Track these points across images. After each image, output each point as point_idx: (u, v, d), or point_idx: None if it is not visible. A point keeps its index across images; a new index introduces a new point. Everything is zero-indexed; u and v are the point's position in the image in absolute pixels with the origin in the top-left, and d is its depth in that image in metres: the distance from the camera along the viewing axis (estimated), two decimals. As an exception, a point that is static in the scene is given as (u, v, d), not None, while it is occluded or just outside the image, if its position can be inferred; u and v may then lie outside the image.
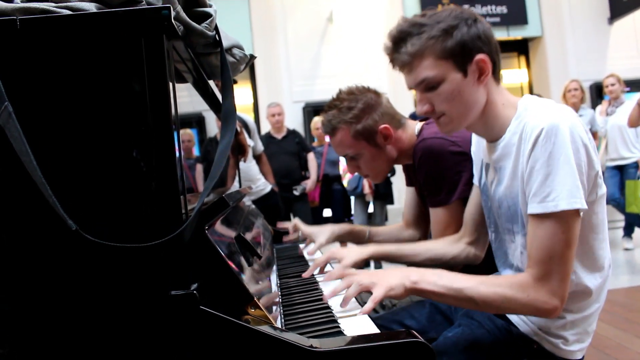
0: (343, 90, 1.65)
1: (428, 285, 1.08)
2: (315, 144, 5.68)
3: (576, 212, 1.05)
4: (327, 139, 5.64)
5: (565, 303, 1.07)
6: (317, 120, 5.65)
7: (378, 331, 0.96)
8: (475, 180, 1.41)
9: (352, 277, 1.10)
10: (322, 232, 1.74)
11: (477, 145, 1.37)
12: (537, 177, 1.06)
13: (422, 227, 1.82)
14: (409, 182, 1.83)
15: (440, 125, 1.20)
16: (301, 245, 1.88)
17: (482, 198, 1.35)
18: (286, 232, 2.01)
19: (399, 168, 6.00)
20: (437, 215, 1.55)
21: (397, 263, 1.55)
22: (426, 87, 1.15)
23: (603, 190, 1.14)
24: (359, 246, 1.52)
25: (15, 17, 0.77)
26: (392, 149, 1.63)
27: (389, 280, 1.08)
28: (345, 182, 5.67)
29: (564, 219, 1.04)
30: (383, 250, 1.51)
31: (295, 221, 1.89)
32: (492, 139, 1.20)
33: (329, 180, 5.47)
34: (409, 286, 1.08)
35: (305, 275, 1.41)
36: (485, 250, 1.47)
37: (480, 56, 1.11)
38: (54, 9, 0.80)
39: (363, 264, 1.48)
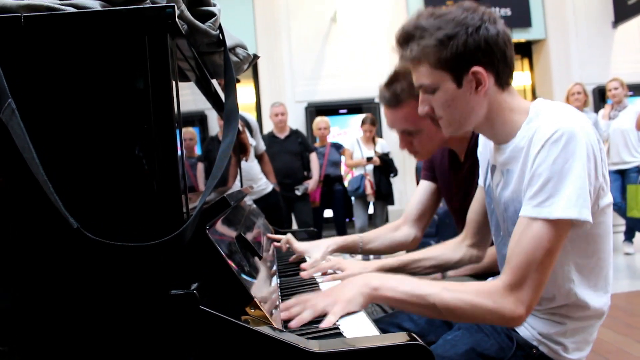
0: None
1: (389, 292, 1.07)
2: (317, 144, 5.67)
3: (569, 222, 1.03)
4: (328, 139, 5.66)
5: (530, 313, 1.05)
6: (319, 121, 5.65)
7: (378, 333, 0.95)
8: (481, 182, 1.41)
9: (307, 302, 1.07)
10: (316, 248, 1.68)
11: (484, 146, 1.36)
12: (539, 179, 1.04)
13: (421, 225, 1.81)
14: (430, 177, 1.80)
15: (441, 127, 1.21)
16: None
17: (486, 200, 1.34)
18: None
19: (402, 169, 5.93)
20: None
21: (401, 274, 1.55)
22: (425, 90, 1.17)
23: (607, 200, 1.11)
24: (362, 262, 1.52)
25: (20, 14, 0.77)
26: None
27: (346, 294, 1.07)
28: (346, 183, 5.67)
29: (554, 227, 1.02)
30: (386, 264, 1.50)
31: (288, 237, 1.86)
32: (500, 142, 1.19)
33: (330, 181, 5.48)
34: (369, 293, 1.07)
35: (304, 275, 1.40)
36: (487, 250, 1.47)
37: (476, 68, 1.09)
38: (59, 6, 0.80)
39: None
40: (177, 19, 0.80)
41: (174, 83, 0.81)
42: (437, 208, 1.83)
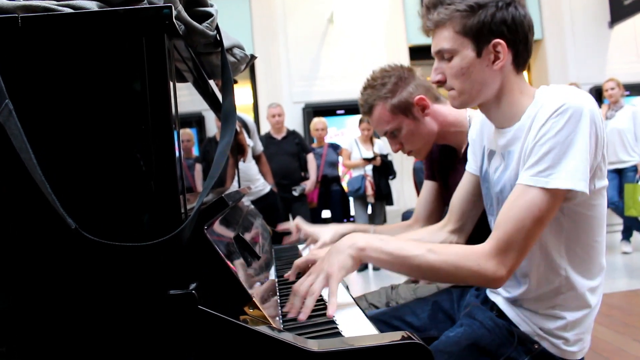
0: (376, 70, 1.67)
1: (375, 253, 1.09)
2: (314, 145, 5.67)
3: (564, 192, 1.04)
4: (326, 139, 5.66)
5: (511, 276, 1.07)
6: (316, 122, 5.65)
7: (376, 332, 0.96)
8: (471, 168, 1.41)
9: (301, 288, 1.06)
10: (326, 231, 1.72)
11: (480, 132, 1.36)
12: (540, 149, 1.05)
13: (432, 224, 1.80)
14: (431, 177, 1.81)
15: (449, 98, 1.22)
16: (300, 247, 1.87)
17: (482, 186, 1.35)
18: (287, 233, 1.98)
19: (400, 170, 5.94)
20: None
21: None
22: (442, 57, 1.17)
23: (603, 183, 1.12)
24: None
25: (17, 15, 0.77)
26: (431, 121, 1.62)
27: (335, 261, 1.08)
28: (344, 183, 5.67)
29: (549, 196, 1.03)
30: None
31: (297, 221, 1.87)
32: (504, 125, 1.20)
33: (328, 182, 5.48)
34: (356, 254, 1.08)
35: (286, 276, 1.39)
36: (467, 238, 1.48)
37: (498, 41, 1.11)
38: (56, 7, 0.80)
39: None
40: (174, 20, 0.80)
41: (171, 84, 0.81)
42: (444, 206, 1.82)
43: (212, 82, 1.51)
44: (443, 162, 1.74)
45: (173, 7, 0.80)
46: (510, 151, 1.18)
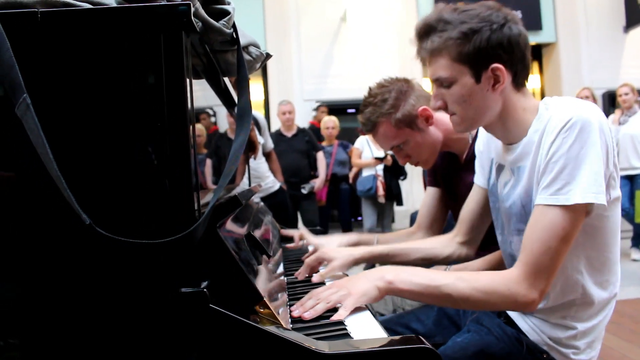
0: (373, 86, 1.66)
1: (404, 285, 1.07)
2: (324, 143, 5.67)
3: (585, 207, 1.03)
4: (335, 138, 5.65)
5: (544, 297, 1.06)
6: (327, 120, 5.64)
7: (386, 335, 0.95)
8: (479, 181, 1.40)
9: (320, 294, 1.07)
10: (329, 242, 1.70)
11: (487, 145, 1.35)
12: (554, 167, 1.04)
13: (435, 231, 1.79)
14: (434, 183, 1.80)
15: (452, 124, 1.21)
16: (310, 247, 1.87)
17: (490, 199, 1.34)
18: (290, 239, 1.98)
19: (409, 170, 5.90)
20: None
21: (388, 264, 1.54)
22: (440, 84, 1.16)
23: (616, 193, 1.11)
24: (350, 248, 1.51)
25: (36, 10, 0.77)
26: (435, 130, 1.62)
27: (360, 286, 1.07)
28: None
29: (571, 213, 1.02)
30: (374, 251, 1.49)
31: (302, 230, 1.87)
32: (511, 141, 1.19)
33: (337, 180, 5.47)
34: (384, 286, 1.07)
35: (296, 275, 1.40)
36: (476, 250, 1.47)
37: (496, 65, 1.10)
38: (75, 2, 0.80)
39: (352, 266, 1.45)
40: (192, 17, 0.80)
41: (188, 81, 0.81)
42: (447, 212, 1.82)
43: (225, 79, 1.51)
44: (446, 168, 1.73)
45: (191, 4, 0.80)
46: (520, 167, 1.17)
